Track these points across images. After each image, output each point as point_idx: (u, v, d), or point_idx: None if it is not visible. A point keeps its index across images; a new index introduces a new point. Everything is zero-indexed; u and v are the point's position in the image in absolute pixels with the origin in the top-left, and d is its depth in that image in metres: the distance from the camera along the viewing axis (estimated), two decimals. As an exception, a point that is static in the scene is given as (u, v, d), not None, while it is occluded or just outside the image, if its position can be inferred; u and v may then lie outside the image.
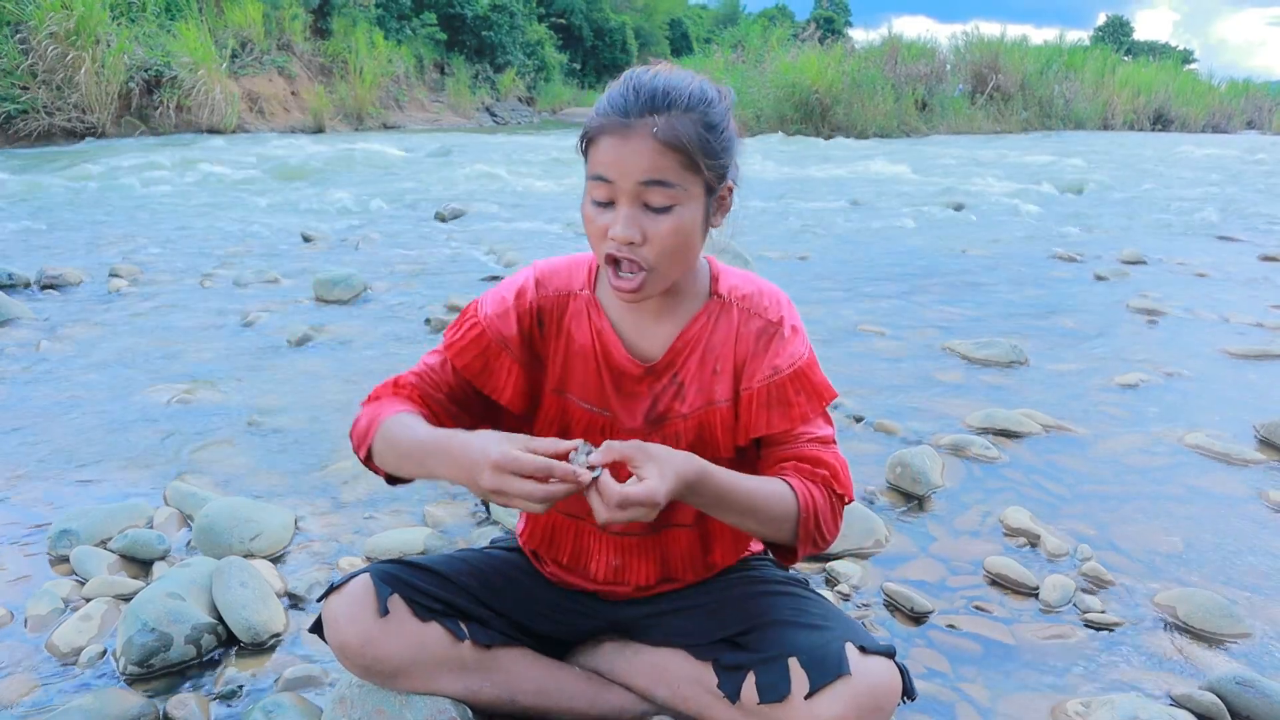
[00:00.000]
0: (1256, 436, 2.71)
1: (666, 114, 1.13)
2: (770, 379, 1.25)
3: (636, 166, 1.12)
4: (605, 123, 1.15)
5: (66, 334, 3.60)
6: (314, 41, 19.66)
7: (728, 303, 1.28)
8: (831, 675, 1.14)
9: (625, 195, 1.14)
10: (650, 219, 1.14)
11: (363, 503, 2.21)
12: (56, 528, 1.97)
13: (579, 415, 1.30)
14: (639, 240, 1.14)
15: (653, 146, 1.12)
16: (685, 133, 1.13)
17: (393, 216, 6.96)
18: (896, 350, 3.58)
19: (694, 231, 1.18)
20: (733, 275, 1.32)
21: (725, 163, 1.19)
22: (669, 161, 1.13)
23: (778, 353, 1.26)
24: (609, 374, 1.29)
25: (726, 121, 1.19)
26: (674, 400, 1.28)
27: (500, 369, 1.29)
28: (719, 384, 1.27)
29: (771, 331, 1.27)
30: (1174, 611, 1.79)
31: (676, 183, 1.13)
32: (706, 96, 1.17)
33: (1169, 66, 28.13)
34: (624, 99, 1.15)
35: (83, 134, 12.95)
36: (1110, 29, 53.96)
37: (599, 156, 1.15)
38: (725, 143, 1.18)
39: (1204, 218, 7.51)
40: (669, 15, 43.77)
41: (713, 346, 1.27)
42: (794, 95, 17.79)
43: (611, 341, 1.28)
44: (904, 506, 2.25)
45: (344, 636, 1.26)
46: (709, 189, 1.18)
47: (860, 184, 9.47)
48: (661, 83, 1.15)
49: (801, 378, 1.26)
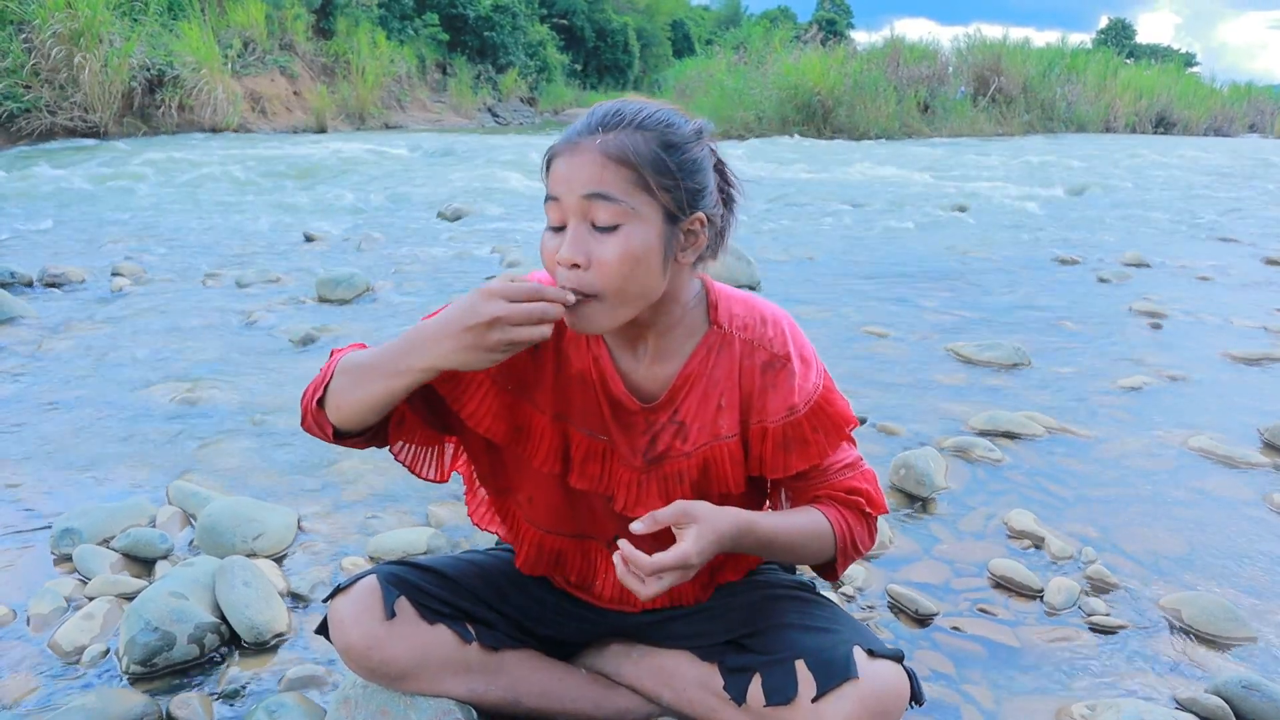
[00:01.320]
0: (1260, 439, 2.70)
1: (616, 130, 1.09)
2: (787, 419, 1.21)
3: (580, 179, 1.08)
4: (561, 145, 1.12)
5: (69, 333, 3.60)
6: (316, 41, 19.68)
7: (728, 334, 1.22)
8: (839, 678, 1.13)
9: (572, 213, 1.09)
10: (596, 240, 1.08)
11: (366, 502, 2.21)
12: (59, 526, 1.96)
13: (580, 441, 1.26)
14: (583, 262, 1.08)
15: (596, 159, 1.08)
16: (633, 147, 1.08)
17: (395, 216, 6.96)
18: (899, 352, 3.57)
19: (646, 258, 1.09)
20: (732, 302, 1.25)
21: (687, 187, 1.11)
22: (612, 175, 1.07)
23: (791, 390, 1.21)
24: (608, 405, 1.24)
25: (691, 146, 1.13)
26: (674, 439, 1.23)
27: (470, 380, 1.22)
28: (723, 419, 1.22)
29: (779, 366, 1.21)
30: (1179, 614, 1.78)
31: (621, 198, 1.07)
32: (667, 119, 1.12)
33: (1171, 69, 28.08)
34: (580, 123, 1.13)
35: (85, 133, 12.95)
36: (1112, 32, 53.98)
37: (550, 178, 1.12)
38: (688, 166, 1.11)
39: (1207, 220, 7.50)
40: (671, 16, 43.81)
41: (715, 381, 1.22)
42: (796, 97, 17.78)
43: (609, 372, 1.22)
44: (908, 508, 2.24)
45: (350, 638, 1.26)
46: (670, 216, 1.11)
47: (862, 186, 9.47)
48: (619, 105, 1.13)
49: (818, 414, 1.23)
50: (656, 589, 1.07)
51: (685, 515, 1.09)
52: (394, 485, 2.30)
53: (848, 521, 1.25)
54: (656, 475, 1.25)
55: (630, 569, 1.07)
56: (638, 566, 1.06)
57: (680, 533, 1.09)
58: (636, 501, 1.25)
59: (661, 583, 1.07)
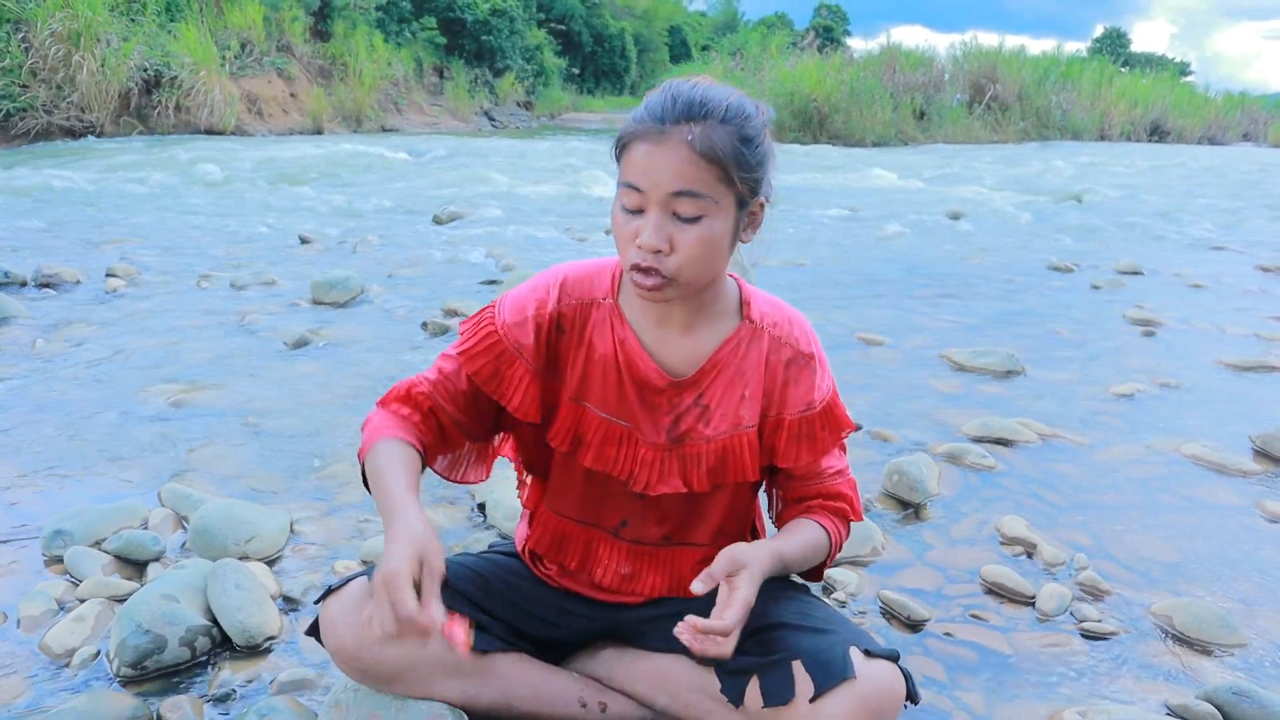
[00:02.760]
0: (1253, 447, 2.71)
1: (703, 123, 1.12)
2: (803, 414, 1.29)
3: (669, 176, 1.11)
4: (640, 129, 1.14)
5: (62, 334, 3.59)
6: (314, 44, 19.67)
7: (759, 329, 1.29)
8: (836, 679, 1.14)
9: (655, 204, 1.13)
10: (678, 228, 1.13)
11: (359, 505, 2.20)
12: (50, 528, 1.96)
13: (596, 424, 1.29)
14: (665, 249, 1.13)
15: (686, 156, 1.11)
16: (720, 144, 1.12)
17: (391, 219, 6.96)
18: (893, 358, 3.58)
19: (721, 244, 1.17)
20: (762, 300, 1.33)
21: (759, 177, 1.18)
22: (702, 172, 1.12)
23: (811, 387, 1.30)
24: (632, 385, 1.27)
25: (763, 136, 1.18)
26: (698, 421, 1.28)
27: (512, 377, 1.28)
28: (746, 409, 1.28)
29: (802, 363, 1.30)
30: (1170, 621, 1.79)
31: (707, 194, 1.12)
32: (744, 110, 1.16)
33: (1165, 78, 28.21)
34: (661, 106, 1.14)
35: (81, 133, 12.94)
36: (1107, 40, 54.18)
37: (632, 163, 1.14)
38: (760, 157, 1.17)
39: (1200, 229, 7.53)
40: (668, 22, 43.90)
41: (743, 371, 1.28)
42: (793, 103, 17.82)
43: (636, 352, 1.27)
44: (901, 514, 2.25)
45: (341, 640, 1.26)
46: (741, 202, 1.17)
47: (858, 192, 9.49)
48: (700, 93, 1.15)
49: (829, 413, 1.31)
50: (733, 642, 1.13)
51: (734, 563, 1.17)
52: (387, 488, 2.30)
53: (840, 534, 1.36)
54: (677, 454, 1.29)
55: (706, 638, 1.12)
56: (714, 630, 1.11)
57: (733, 580, 1.16)
58: (659, 480, 1.29)
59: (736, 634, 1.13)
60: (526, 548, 1.44)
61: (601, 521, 1.36)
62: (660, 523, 1.34)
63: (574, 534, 1.38)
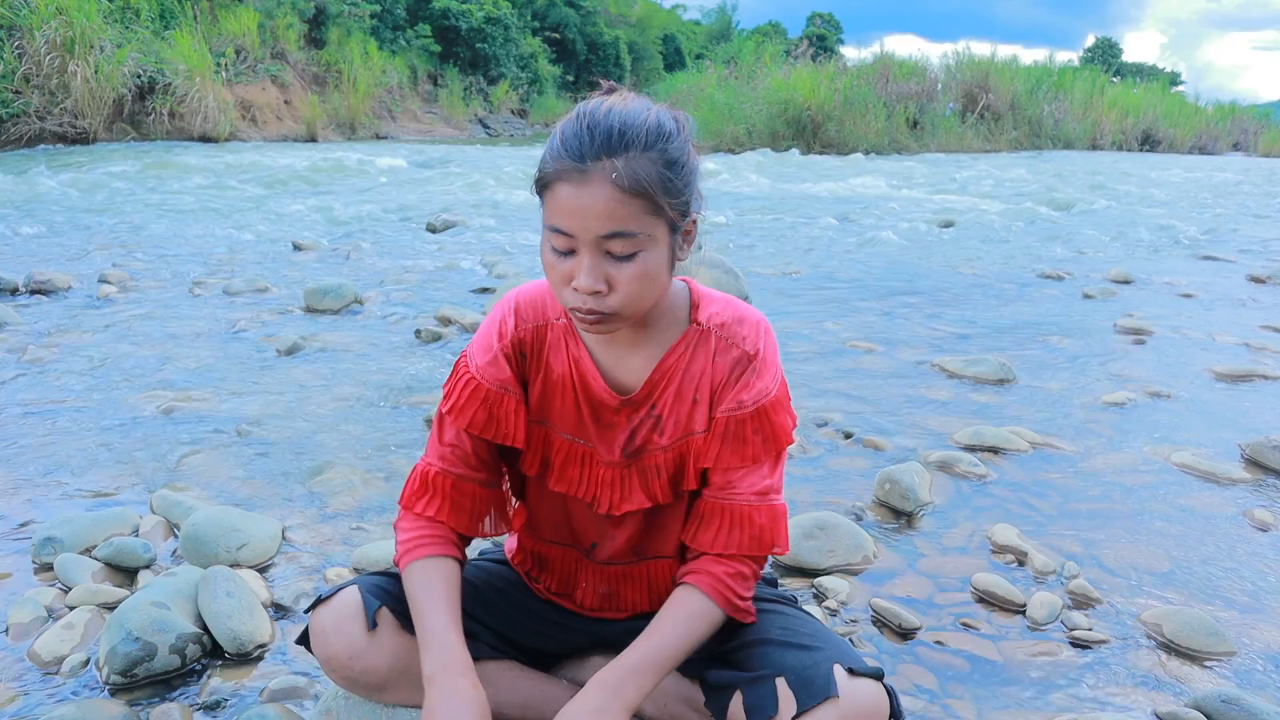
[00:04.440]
0: (1242, 456, 2.72)
1: (625, 156, 1.06)
2: (732, 412, 1.23)
3: (596, 219, 1.06)
4: (561, 168, 1.08)
5: (54, 340, 3.58)
6: (308, 51, 19.69)
7: (706, 330, 1.24)
8: (819, 697, 1.12)
9: (586, 246, 1.08)
10: (614, 266, 1.09)
11: (350, 513, 2.20)
12: (40, 535, 1.95)
13: (559, 445, 1.29)
14: (603, 290, 1.09)
15: (611, 195, 1.06)
16: (646, 176, 1.07)
17: (384, 226, 6.96)
18: (885, 366, 3.59)
19: (660, 272, 1.13)
20: (713, 302, 1.27)
21: (688, 199, 1.13)
22: (630, 210, 1.07)
23: (747, 385, 1.23)
24: (587, 405, 1.26)
25: (686, 154, 1.13)
26: (652, 433, 1.26)
27: (506, 414, 1.27)
28: (698, 414, 1.25)
29: (746, 363, 1.23)
30: (1160, 629, 1.79)
31: (639, 230, 1.08)
32: (664, 130, 1.10)
33: (1156, 88, 28.37)
34: (579, 140, 1.07)
35: (74, 139, 12.92)
36: (1099, 50, 54.53)
37: (557, 205, 1.08)
38: (687, 177, 1.13)
39: (1191, 238, 7.57)
40: (662, 30, 44.02)
41: (691, 376, 1.24)
42: (786, 111, 17.88)
43: (589, 371, 1.25)
44: (892, 523, 2.25)
45: (331, 649, 1.25)
46: (674, 227, 1.13)
47: (851, 201, 9.52)
48: (617, 120, 1.08)
49: (762, 416, 1.23)
50: None
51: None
52: (379, 496, 2.30)
53: (726, 584, 1.24)
54: (636, 469, 1.27)
55: None
56: None
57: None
58: (621, 499, 1.28)
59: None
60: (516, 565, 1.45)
61: (577, 543, 1.36)
62: (627, 540, 1.33)
63: (553, 556, 1.38)
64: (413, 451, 2.56)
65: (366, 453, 2.55)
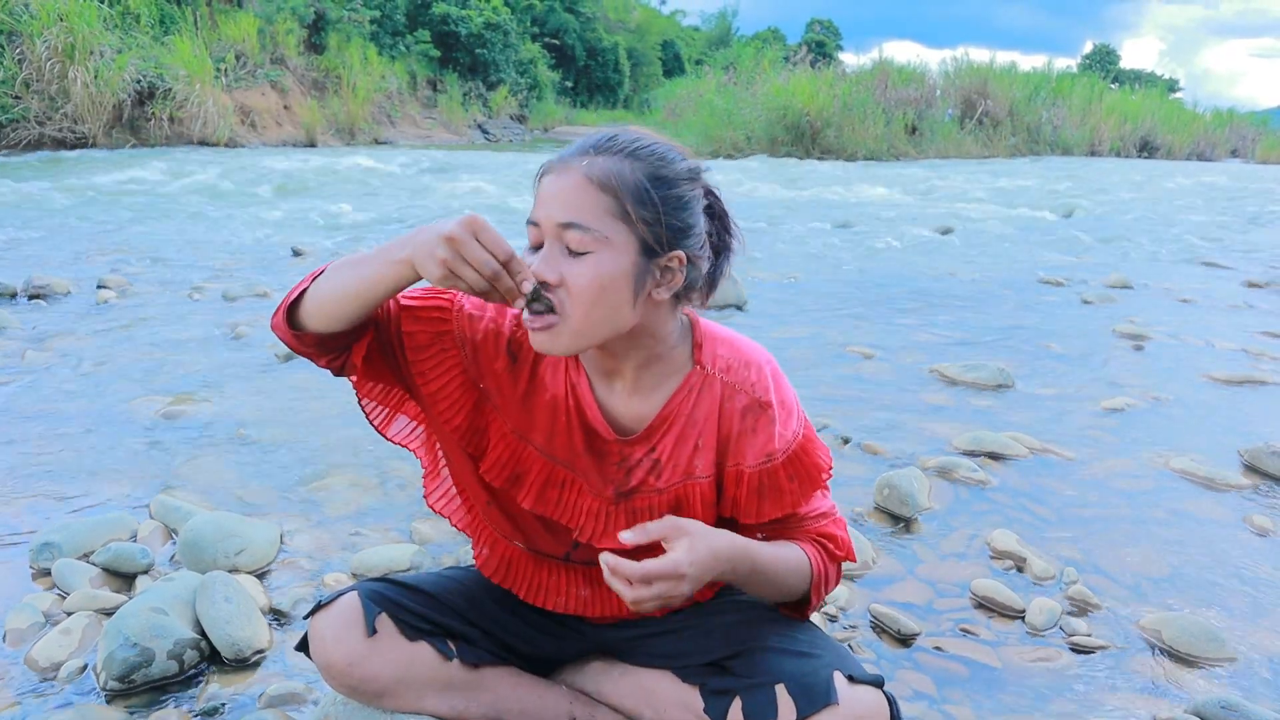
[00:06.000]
0: (1241, 461, 2.72)
1: (606, 155, 1.07)
2: (764, 465, 1.20)
3: (558, 205, 1.06)
4: (549, 163, 1.10)
5: (53, 345, 3.58)
6: (307, 56, 19.73)
7: (710, 375, 1.20)
8: (819, 704, 1.12)
9: (549, 236, 1.08)
10: (568, 263, 1.06)
11: (349, 518, 2.20)
12: (38, 540, 1.95)
13: (539, 465, 1.23)
14: (554, 280, 1.06)
15: (578, 183, 1.06)
16: (618, 174, 1.06)
17: (383, 231, 6.96)
18: (884, 372, 3.59)
19: (616, 288, 1.07)
20: (716, 342, 1.22)
21: (669, 224, 1.08)
22: (590, 201, 1.05)
23: (771, 437, 1.20)
24: (581, 432, 1.21)
25: (683, 184, 1.10)
26: (649, 474, 1.22)
27: (442, 362, 1.20)
28: (699, 459, 1.21)
29: (759, 410, 1.20)
30: (1159, 635, 1.79)
31: (594, 226, 1.05)
32: (664, 154, 1.10)
33: (1155, 95, 28.44)
34: (577, 143, 1.11)
35: (73, 144, 12.93)
36: (1097, 57, 54.65)
37: (536, 197, 1.11)
38: (674, 202, 1.09)
39: (1189, 244, 7.59)
40: (662, 36, 44.15)
41: (694, 421, 1.20)
42: (785, 117, 17.92)
43: (587, 400, 1.21)
44: (891, 528, 2.25)
45: (330, 655, 1.25)
46: (646, 249, 1.08)
47: (849, 206, 9.53)
48: (619, 132, 1.11)
49: (795, 462, 1.22)
50: (645, 596, 1.05)
51: (676, 529, 1.09)
52: (378, 502, 2.30)
53: (824, 561, 1.26)
54: (625, 509, 1.23)
55: (617, 575, 1.06)
56: (625, 573, 1.05)
57: (669, 545, 1.08)
58: (604, 533, 1.23)
59: (651, 590, 1.05)
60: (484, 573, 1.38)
61: (552, 550, 1.32)
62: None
63: (520, 561, 1.34)
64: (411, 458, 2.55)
65: (365, 458, 2.55)
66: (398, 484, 2.39)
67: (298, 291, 1.17)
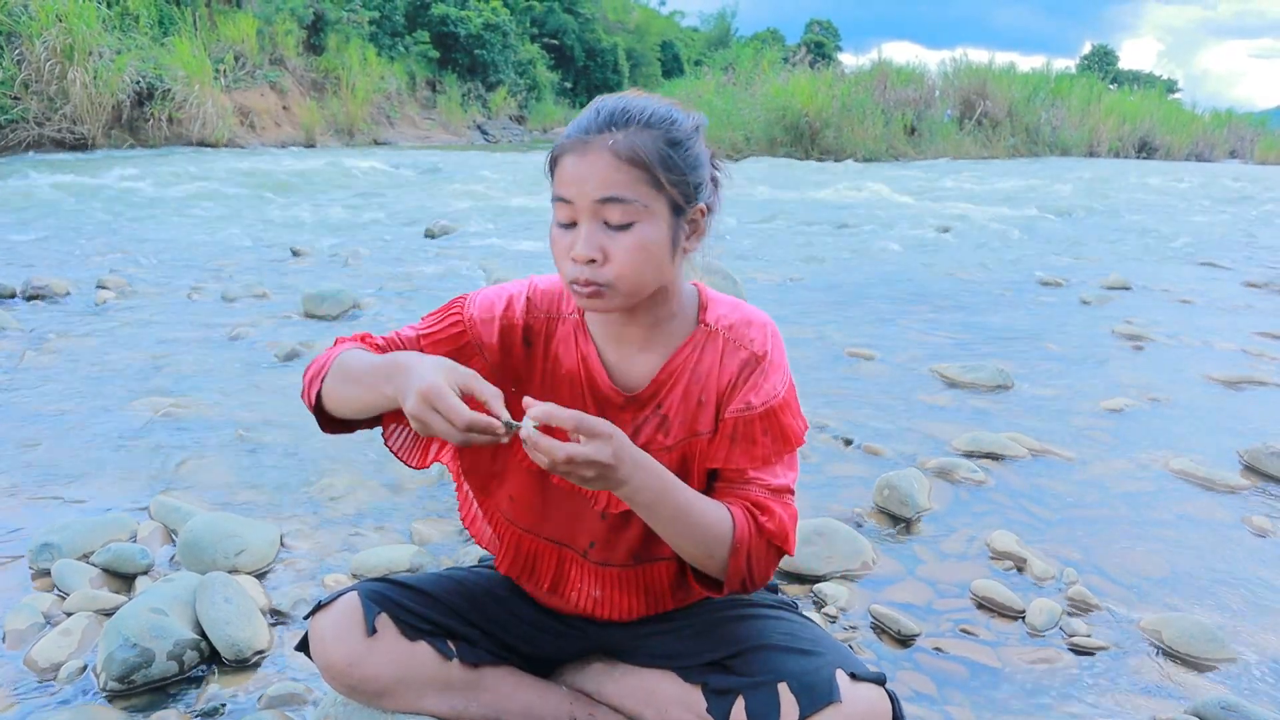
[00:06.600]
0: (1240, 462, 2.72)
1: (625, 129, 1.12)
2: (741, 413, 1.22)
3: (593, 184, 1.11)
4: (567, 143, 1.15)
5: (52, 345, 3.58)
6: (307, 57, 19.73)
7: (714, 332, 1.25)
8: (822, 702, 1.12)
9: (584, 214, 1.12)
10: (610, 237, 1.12)
11: (349, 519, 2.20)
12: (38, 541, 1.95)
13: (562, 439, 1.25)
14: (599, 258, 1.12)
15: (609, 162, 1.11)
16: (644, 146, 1.12)
17: (382, 232, 6.96)
18: (883, 373, 3.59)
19: (659, 251, 1.14)
20: (721, 304, 1.28)
21: (692, 181, 1.16)
22: (626, 176, 1.11)
23: (755, 387, 1.23)
24: (594, 402, 1.26)
25: (693, 141, 1.17)
26: (657, 432, 1.26)
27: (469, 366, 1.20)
28: (703, 415, 1.25)
29: (754, 364, 1.24)
30: (1159, 636, 1.79)
31: (634, 198, 1.11)
32: (670, 116, 1.16)
33: (1153, 95, 28.47)
34: (587, 119, 1.15)
35: (72, 145, 12.93)
36: (1096, 58, 54.66)
37: (561, 176, 1.14)
38: (691, 161, 1.16)
39: (1188, 244, 7.59)
40: (661, 37, 44.14)
41: (698, 377, 1.24)
42: (784, 118, 17.93)
43: (596, 369, 1.26)
44: (891, 529, 2.25)
45: (330, 655, 1.25)
46: (676, 208, 1.15)
47: (849, 207, 9.53)
48: (624, 103, 1.15)
49: (771, 417, 1.23)
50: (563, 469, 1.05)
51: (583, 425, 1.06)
52: (378, 502, 2.30)
53: (751, 534, 1.19)
54: None
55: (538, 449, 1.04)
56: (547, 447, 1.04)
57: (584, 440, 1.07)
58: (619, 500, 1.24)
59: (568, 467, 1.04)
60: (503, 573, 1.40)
61: (573, 542, 1.33)
62: (627, 542, 1.30)
63: (545, 553, 1.35)
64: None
65: (365, 459, 2.55)
66: (398, 485, 2.39)
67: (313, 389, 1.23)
